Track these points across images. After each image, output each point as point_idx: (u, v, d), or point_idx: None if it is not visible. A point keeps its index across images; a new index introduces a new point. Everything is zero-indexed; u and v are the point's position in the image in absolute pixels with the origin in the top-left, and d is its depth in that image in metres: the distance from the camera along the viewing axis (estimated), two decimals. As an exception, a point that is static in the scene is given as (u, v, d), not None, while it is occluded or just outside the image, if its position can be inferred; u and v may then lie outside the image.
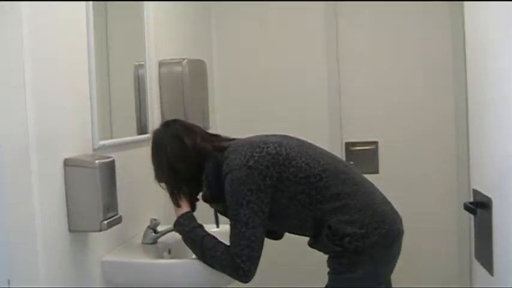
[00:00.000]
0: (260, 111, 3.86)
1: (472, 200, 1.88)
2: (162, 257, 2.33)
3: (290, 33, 3.92)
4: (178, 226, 2.18)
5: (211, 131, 3.25)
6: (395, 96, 3.80)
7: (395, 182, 3.59)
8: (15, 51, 1.71)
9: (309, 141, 2.23)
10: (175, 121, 2.30)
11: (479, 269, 1.83)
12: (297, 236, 2.24)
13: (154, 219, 2.42)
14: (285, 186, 2.06)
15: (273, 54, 3.91)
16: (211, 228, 2.68)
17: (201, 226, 2.15)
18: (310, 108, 3.87)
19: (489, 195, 1.72)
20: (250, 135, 2.23)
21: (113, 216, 2.02)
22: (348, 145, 3.88)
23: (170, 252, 2.40)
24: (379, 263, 2.08)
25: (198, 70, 3.02)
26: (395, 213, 2.14)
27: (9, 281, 1.67)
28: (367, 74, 3.84)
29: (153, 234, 2.41)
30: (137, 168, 2.53)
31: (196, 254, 2.13)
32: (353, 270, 2.03)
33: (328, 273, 2.09)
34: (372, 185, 2.18)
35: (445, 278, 3.72)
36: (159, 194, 2.78)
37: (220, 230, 2.69)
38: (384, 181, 2.56)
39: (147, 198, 2.63)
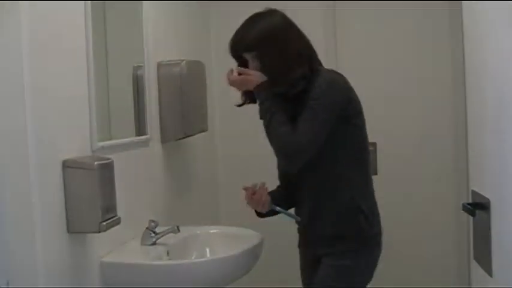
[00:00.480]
0: (259, 113, 3.85)
1: (470, 201, 1.88)
2: (160, 259, 2.32)
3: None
4: (260, 96, 2.11)
5: (209, 131, 3.29)
6: (394, 97, 3.79)
7: (394, 183, 3.59)
8: (14, 53, 1.71)
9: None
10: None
11: (478, 270, 1.82)
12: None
13: (153, 221, 2.42)
14: (347, 130, 2.11)
15: (272, 55, 3.90)
16: (210, 230, 2.70)
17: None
18: (309, 110, 3.86)
19: (488, 197, 1.71)
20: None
21: (111, 218, 2.02)
22: (347, 146, 3.87)
23: (169, 253, 2.39)
24: (375, 259, 2.13)
25: (196, 71, 3.02)
26: None
27: (8, 282, 1.66)
28: (366, 75, 3.82)
29: (152, 235, 2.41)
30: (136, 170, 2.53)
31: (264, 121, 2.08)
32: (354, 257, 2.06)
33: (326, 258, 2.10)
34: None
35: (444, 279, 3.72)
36: (158, 195, 2.79)
37: (220, 230, 2.70)
38: (383, 182, 2.57)
39: (146, 199, 2.63)
